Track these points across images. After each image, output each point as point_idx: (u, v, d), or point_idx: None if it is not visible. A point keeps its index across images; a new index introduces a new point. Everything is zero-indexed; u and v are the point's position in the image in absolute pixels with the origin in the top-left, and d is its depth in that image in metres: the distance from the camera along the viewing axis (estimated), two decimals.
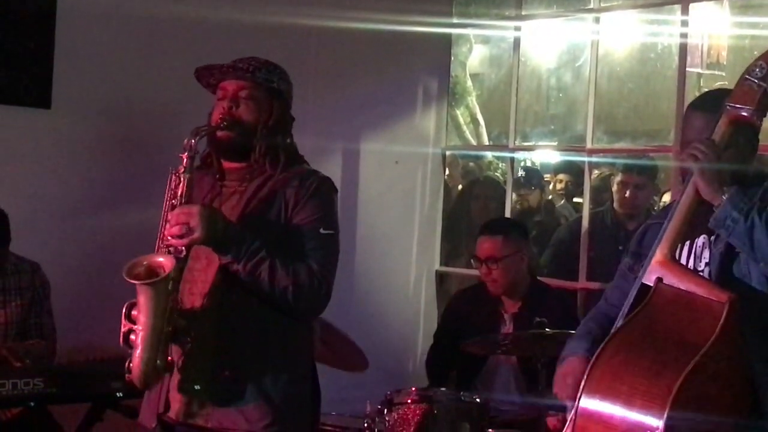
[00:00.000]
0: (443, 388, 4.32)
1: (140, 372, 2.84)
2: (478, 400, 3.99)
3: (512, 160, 5.86)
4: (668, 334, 2.46)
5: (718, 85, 5.87)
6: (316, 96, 5.30)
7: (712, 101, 2.77)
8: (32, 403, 3.84)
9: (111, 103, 4.93)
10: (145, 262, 2.84)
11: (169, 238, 2.83)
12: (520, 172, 6.42)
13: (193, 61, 5.13)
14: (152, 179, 4.97)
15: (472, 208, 6.13)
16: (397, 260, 5.82)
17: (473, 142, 6.54)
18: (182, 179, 2.88)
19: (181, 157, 2.90)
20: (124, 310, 2.85)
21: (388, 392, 4.03)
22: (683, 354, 2.37)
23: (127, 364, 2.86)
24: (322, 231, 2.95)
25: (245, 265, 2.84)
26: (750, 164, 2.74)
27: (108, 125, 4.92)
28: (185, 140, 2.92)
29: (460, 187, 6.52)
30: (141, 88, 4.99)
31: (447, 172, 6.19)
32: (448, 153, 6.11)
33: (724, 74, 6.14)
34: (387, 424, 3.92)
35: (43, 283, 4.29)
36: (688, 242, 2.71)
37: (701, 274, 2.66)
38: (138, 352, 2.82)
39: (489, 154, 6.76)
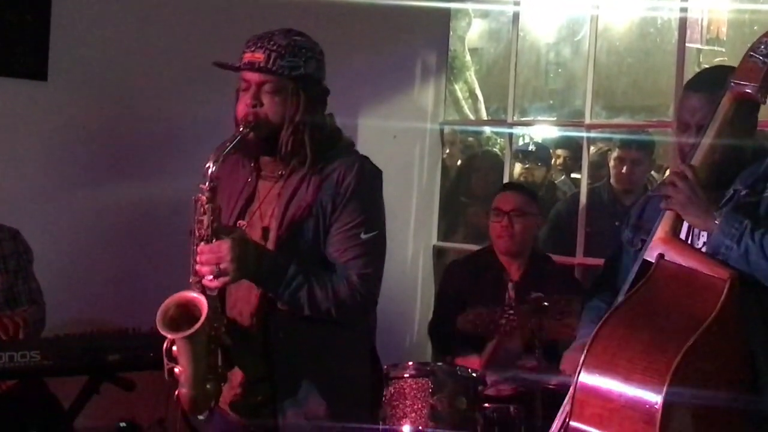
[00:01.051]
0: (440, 363, 4.33)
1: (192, 407, 2.78)
2: (474, 374, 3.99)
3: (510, 135, 5.84)
4: (668, 310, 2.46)
5: (717, 60, 5.85)
6: None
7: (708, 81, 2.75)
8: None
9: (108, 75, 4.92)
10: (175, 302, 2.72)
11: (200, 277, 2.70)
12: (531, 147, 6.41)
13: (190, 33, 5.15)
14: (149, 151, 5.00)
15: (473, 180, 6.11)
16: (395, 235, 5.77)
17: (471, 117, 6.52)
18: (206, 210, 2.70)
19: (202, 188, 2.70)
20: (164, 347, 2.73)
21: (386, 366, 4.03)
22: (683, 330, 2.36)
23: (176, 393, 2.78)
24: (363, 236, 2.78)
25: (282, 296, 2.73)
26: (752, 140, 2.73)
27: (104, 97, 4.90)
28: (206, 165, 2.70)
29: (459, 162, 6.51)
30: (138, 60, 4.97)
31: (445, 147, 6.17)
32: (446, 128, 6.09)
33: (723, 50, 6.12)
34: (384, 398, 3.93)
35: (26, 248, 4.25)
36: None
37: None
38: (185, 390, 2.74)
39: (487, 129, 6.74)
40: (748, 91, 2.57)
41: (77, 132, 4.85)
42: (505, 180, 5.70)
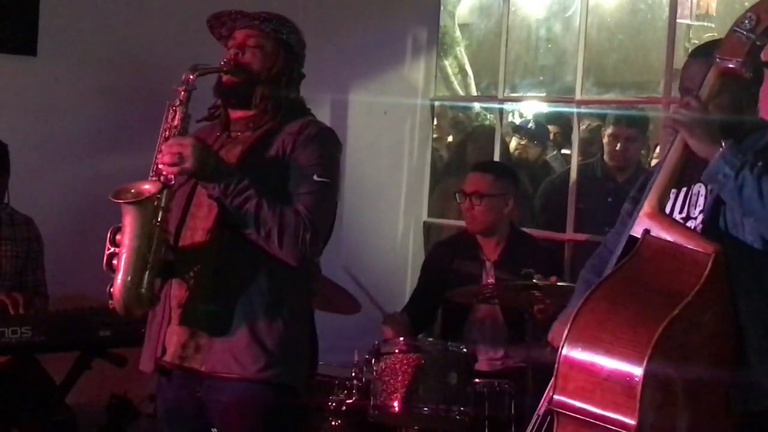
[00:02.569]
0: (430, 339, 4.35)
1: (121, 296, 2.82)
2: (464, 350, 4.01)
3: (501, 111, 5.84)
4: (653, 284, 2.48)
5: (707, 36, 5.84)
6: (305, 47, 5.27)
7: (707, 49, 2.77)
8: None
9: (98, 50, 4.91)
10: (132, 188, 2.83)
11: (160, 166, 2.83)
12: (531, 125, 6.41)
13: (182, 7, 5.13)
14: (140, 127, 4.97)
15: (468, 152, 6.12)
16: (385, 211, 5.82)
17: (461, 92, 6.51)
18: (177, 112, 2.89)
19: (178, 90, 2.91)
20: (108, 234, 2.86)
21: (376, 342, 4.06)
22: (667, 304, 2.38)
23: (108, 288, 2.85)
24: (316, 178, 2.91)
25: (232, 200, 2.83)
26: (751, 115, 2.74)
27: (95, 72, 4.90)
28: (183, 75, 2.91)
29: (450, 138, 6.51)
30: (128, 35, 4.96)
31: (436, 123, 6.17)
32: (436, 104, 6.09)
33: (713, 26, 6.11)
34: (375, 374, 3.95)
35: (38, 237, 4.29)
36: (684, 189, 2.72)
37: (694, 220, 2.68)
38: (120, 276, 2.81)
39: (477, 105, 6.74)
40: (731, 66, 2.58)
41: (67, 107, 4.84)
42: (496, 156, 5.70)
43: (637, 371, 2.30)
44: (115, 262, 2.83)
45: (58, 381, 4.12)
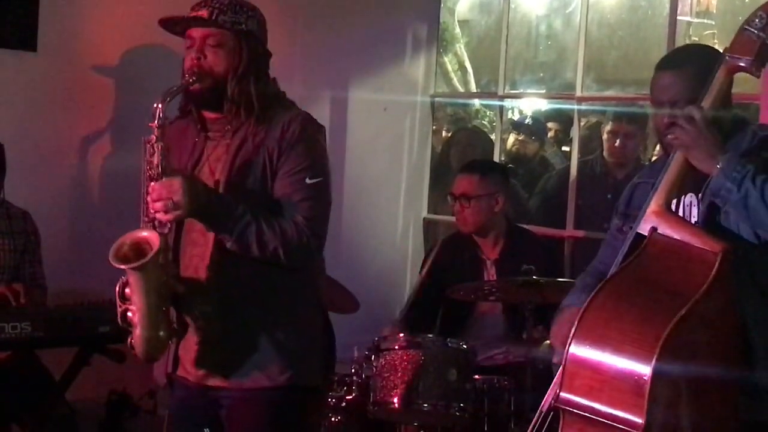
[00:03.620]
0: (430, 335, 4.34)
1: (144, 350, 2.81)
2: (464, 346, 4.01)
3: (501, 107, 5.83)
4: (660, 282, 2.47)
5: (707, 33, 5.86)
6: (304, 43, 5.26)
7: (677, 60, 2.79)
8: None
9: (98, 46, 4.89)
10: (129, 241, 2.78)
11: (153, 212, 2.76)
12: (528, 120, 6.41)
13: (182, 5, 5.10)
14: (139, 123, 4.96)
15: (452, 154, 6.12)
16: (385, 207, 5.82)
17: (461, 89, 6.51)
18: (156, 148, 2.78)
19: (152, 126, 2.79)
20: (117, 289, 2.80)
21: (376, 338, 4.05)
22: (674, 302, 2.37)
23: (129, 340, 2.82)
24: (308, 181, 2.86)
25: (231, 234, 2.78)
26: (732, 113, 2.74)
27: (95, 68, 4.88)
28: (153, 105, 2.80)
29: (445, 135, 6.50)
30: (128, 31, 4.94)
31: (436, 120, 6.16)
32: (436, 100, 6.09)
33: (713, 23, 6.11)
34: (374, 370, 3.94)
35: (35, 230, 4.28)
36: (674, 200, 2.70)
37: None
38: (138, 331, 2.78)
39: (477, 102, 6.73)
40: (742, 64, 2.58)
41: (67, 103, 4.83)
42: (496, 152, 5.70)
43: (645, 370, 2.29)
44: (129, 315, 2.79)
45: (58, 377, 4.11)
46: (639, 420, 2.29)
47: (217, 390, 2.91)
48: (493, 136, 5.99)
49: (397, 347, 3.95)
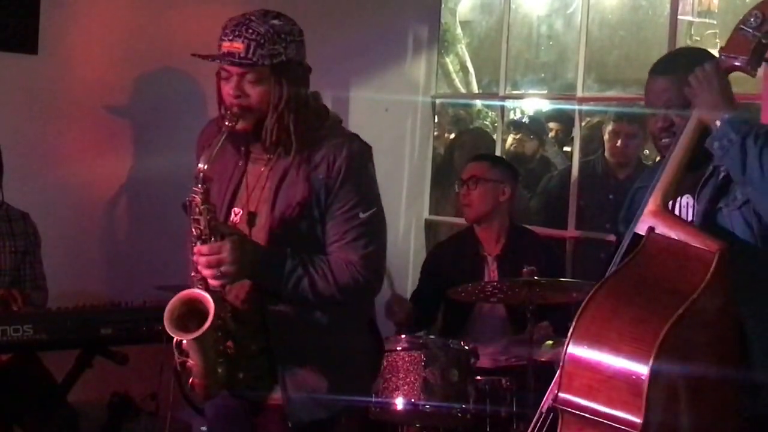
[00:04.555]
0: (432, 336, 4.35)
1: (206, 394, 2.79)
2: (466, 347, 4.01)
3: (502, 108, 5.83)
4: (658, 282, 2.47)
5: (709, 33, 5.84)
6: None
7: (671, 64, 2.80)
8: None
9: (99, 49, 4.90)
10: (181, 300, 2.69)
11: (202, 276, 2.70)
12: (525, 119, 6.41)
13: (182, 5, 5.12)
14: (140, 124, 4.99)
15: (456, 156, 6.12)
16: (387, 208, 5.73)
17: (462, 90, 6.51)
18: (201, 211, 2.69)
19: (195, 189, 2.69)
20: (174, 342, 2.72)
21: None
22: (672, 302, 2.37)
23: (189, 381, 2.77)
24: (361, 215, 2.78)
25: (285, 290, 2.74)
26: None
27: (95, 71, 4.89)
28: (196, 169, 2.69)
29: (446, 135, 6.50)
30: (129, 33, 4.94)
31: (437, 121, 6.16)
32: (438, 101, 6.09)
33: (715, 22, 6.10)
34: None
35: (34, 231, 4.29)
36: (671, 202, 2.70)
37: None
38: (198, 381, 2.75)
39: (479, 102, 6.73)
40: (737, 64, 2.59)
41: (68, 106, 4.83)
42: (498, 151, 5.70)
43: (643, 369, 2.29)
44: (189, 364, 2.73)
45: (59, 379, 4.12)
46: (637, 420, 2.29)
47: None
48: (495, 137, 5.99)
49: (399, 348, 3.96)
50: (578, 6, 5.48)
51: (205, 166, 2.68)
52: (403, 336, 4.07)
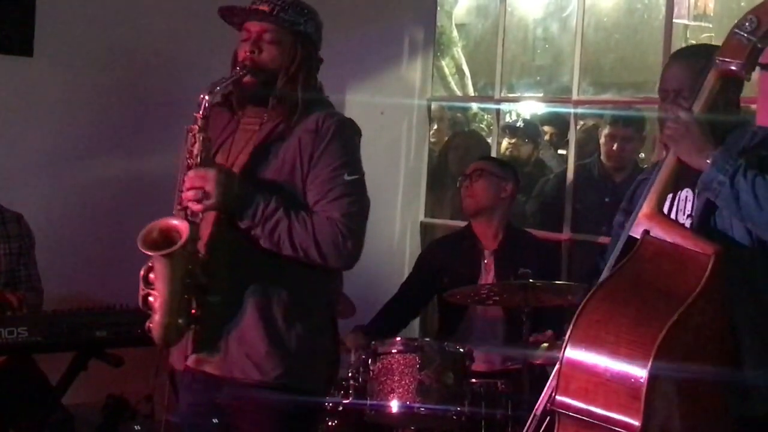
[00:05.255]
0: (427, 338, 4.34)
1: (161, 336, 2.78)
2: (462, 349, 4.01)
3: (498, 111, 5.84)
4: (654, 285, 2.47)
5: (704, 36, 5.85)
6: None
7: (688, 53, 2.83)
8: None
9: (94, 51, 4.90)
10: (158, 227, 2.75)
11: (185, 200, 2.74)
12: (519, 123, 6.42)
13: (179, 6, 5.12)
14: (135, 127, 4.99)
15: (450, 159, 6.12)
16: (382, 211, 5.82)
17: (458, 93, 6.51)
18: (197, 139, 2.76)
19: (196, 116, 2.77)
20: (141, 273, 2.76)
21: (373, 342, 4.05)
22: (668, 305, 2.38)
23: (147, 324, 2.79)
24: (346, 177, 2.79)
25: (262, 228, 2.74)
26: (735, 112, 2.75)
27: (91, 73, 4.89)
28: (200, 95, 2.78)
29: (441, 138, 6.50)
30: (125, 35, 4.95)
31: (433, 123, 6.17)
32: (433, 104, 6.09)
33: (710, 26, 6.11)
34: (371, 374, 3.94)
35: (29, 232, 4.28)
36: (670, 195, 2.71)
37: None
38: (158, 317, 2.76)
39: (474, 105, 6.74)
40: (732, 68, 2.59)
41: (63, 108, 4.83)
42: (493, 154, 5.70)
43: (641, 372, 2.30)
44: (150, 300, 2.76)
45: (55, 381, 4.11)
46: (635, 422, 2.30)
47: (211, 379, 2.86)
48: (490, 140, 6.00)
49: (394, 351, 3.95)
50: (574, 9, 5.49)
51: (208, 96, 2.77)
52: (398, 339, 4.07)
